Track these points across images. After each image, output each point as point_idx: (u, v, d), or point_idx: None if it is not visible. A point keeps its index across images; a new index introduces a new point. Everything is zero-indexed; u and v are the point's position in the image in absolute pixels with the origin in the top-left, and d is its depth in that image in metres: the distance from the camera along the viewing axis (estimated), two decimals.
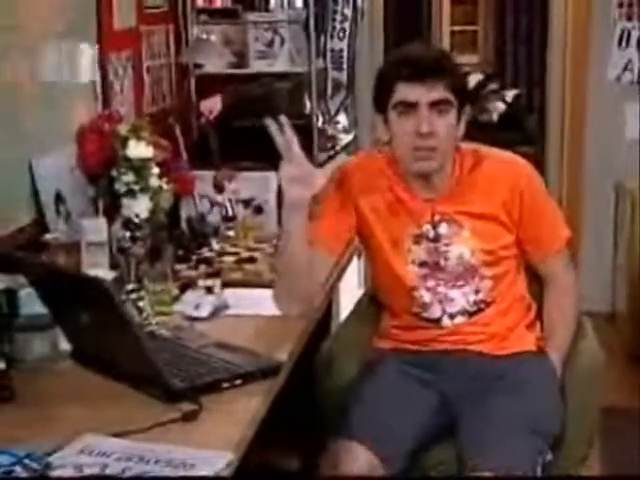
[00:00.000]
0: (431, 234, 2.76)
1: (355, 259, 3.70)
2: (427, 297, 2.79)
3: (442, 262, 2.77)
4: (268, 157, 2.88)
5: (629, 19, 5.55)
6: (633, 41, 5.56)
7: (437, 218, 2.76)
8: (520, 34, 9.19)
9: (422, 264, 2.77)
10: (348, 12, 4.76)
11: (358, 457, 2.55)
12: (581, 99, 5.88)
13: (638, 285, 5.16)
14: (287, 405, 2.68)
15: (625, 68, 5.59)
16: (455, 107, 2.67)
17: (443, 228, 2.76)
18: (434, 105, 2.63)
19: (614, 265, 5.75)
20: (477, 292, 2.79)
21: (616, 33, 5.59)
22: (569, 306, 2.95)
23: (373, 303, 3.10)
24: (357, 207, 2.81)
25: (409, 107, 2.63)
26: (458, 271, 2.77)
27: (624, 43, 5.58)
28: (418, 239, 2.77)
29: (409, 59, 2.69)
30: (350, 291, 4.17)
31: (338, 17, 4.77)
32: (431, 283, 2.78)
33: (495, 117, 8.01)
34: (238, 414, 2.14)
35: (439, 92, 2.62)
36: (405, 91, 2.63)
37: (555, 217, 2.93)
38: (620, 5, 5.56)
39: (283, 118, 2.54)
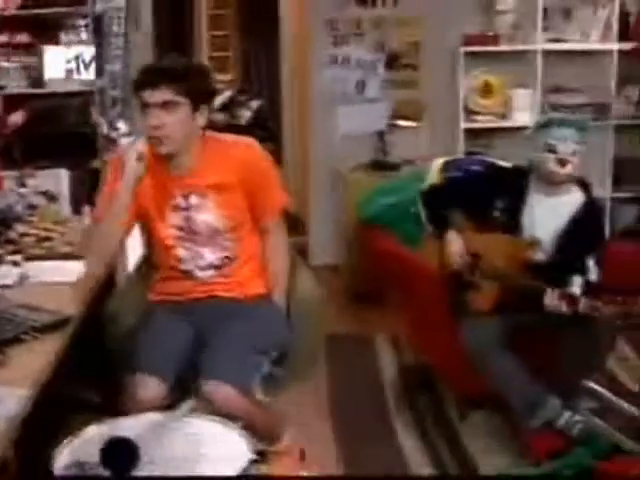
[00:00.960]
0: (183, 204, 2.74)
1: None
2: (183, 254, 2.78)
3: (194, 226, 2.76)
4: (61, 158, 2.82)
5: (335, 45, 5.68)
6: (339, 61, 5.69)
7: (187, 191, 2.74)
8: (260, 58, 9.28)
9: (179, 228, 2.76)
10: (120, 43, 4.65)
11: (146, 383, 2.58)
12: (306, 105, 5.97)
13: (352, 244, 5.26)
14: (87, 350, 2.65)
15: (335, 82, 5.71)
16: (186, 105, 2.62)
17: (192, 199, 2.74)
18: (163, 105, 2.59)
19: (336, 229, 5.87)
20: (223, 250, 2.79)
21: (329, 55, 5.70)
22: (284, 256, 2.95)
23: (149, 263, 3.07)
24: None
25: (146, 107, 2.61)
26: (207, 233, 2.76)
27: (333, 63, 5.71)
28: (175, 208, 2.75)
29: (147, 69, 2.68)
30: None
31: (113, 46, 4.66)
32: (187, 243, 2.77)
33: (243, 122, 8.03)
34: (37, 359, 2.11)
35: (166, 94, 2.58)
36: (144, 94, 2.60)
37: (276, 187, 2.89)
38: (328, 35, 5.67)
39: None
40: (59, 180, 3.59)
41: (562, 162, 3.35)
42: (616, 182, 5.58)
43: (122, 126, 4.92)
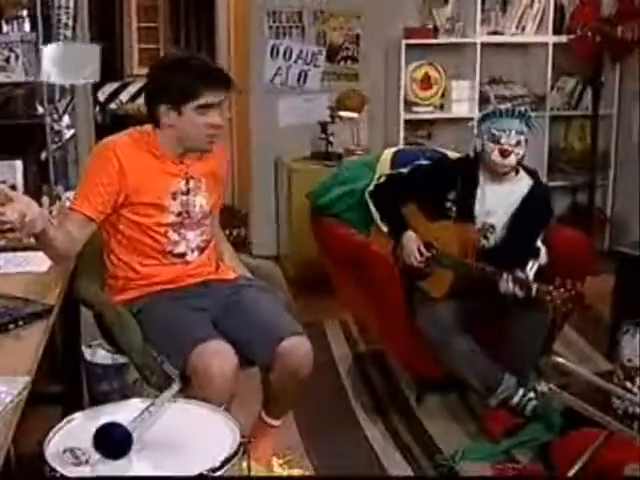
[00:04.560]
0: (184, 188, 2.83)
1: None
2: (176, 237, 2.86)
3: (191, 210, 2.86)
4: (14, 148, 2.79)
5: (277, 37, 5.72)
6: (280, 53, 5.74)
7: (188, 176, 2.84)
8: (192, 49, 9.20)
9: (178, 214, 2.83)
10: (69, 33, 4.61)
11: (220, 345, 2.62)
12: (245, 96, 5.99)
13: (296, 235, 5.31)
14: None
15: (276, 74, 5.76)
16: None
17: (191, 183, 2.84)
18: (219, 104, 2.73)
19: (277, 220, 5.92)
20: (204, 233, 2.93)
21: (268, 48, 5.73)
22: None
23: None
24: (125, 177, 2.72)
25: (207, 107, 2.68)
26: (198, 217, 2.88)
27: (274, 55, 5.74)
28: (175, 195, 2.82)
29: (213, 70, 2.77)
30: None
31: (61, 38, 4.62)
32: (181, 228, 2.86)
33: None
34: (27, 348, 2.12)
35: (225, 94, 2.72)
36: (216, 94, 2.68)
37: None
38: (270, 27, 5.70)
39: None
40: (15, 171, 3.56)
41: (504, 153, 3.45)
42: (550, 171, 5.77)
43: (66, 118, 4.90)
